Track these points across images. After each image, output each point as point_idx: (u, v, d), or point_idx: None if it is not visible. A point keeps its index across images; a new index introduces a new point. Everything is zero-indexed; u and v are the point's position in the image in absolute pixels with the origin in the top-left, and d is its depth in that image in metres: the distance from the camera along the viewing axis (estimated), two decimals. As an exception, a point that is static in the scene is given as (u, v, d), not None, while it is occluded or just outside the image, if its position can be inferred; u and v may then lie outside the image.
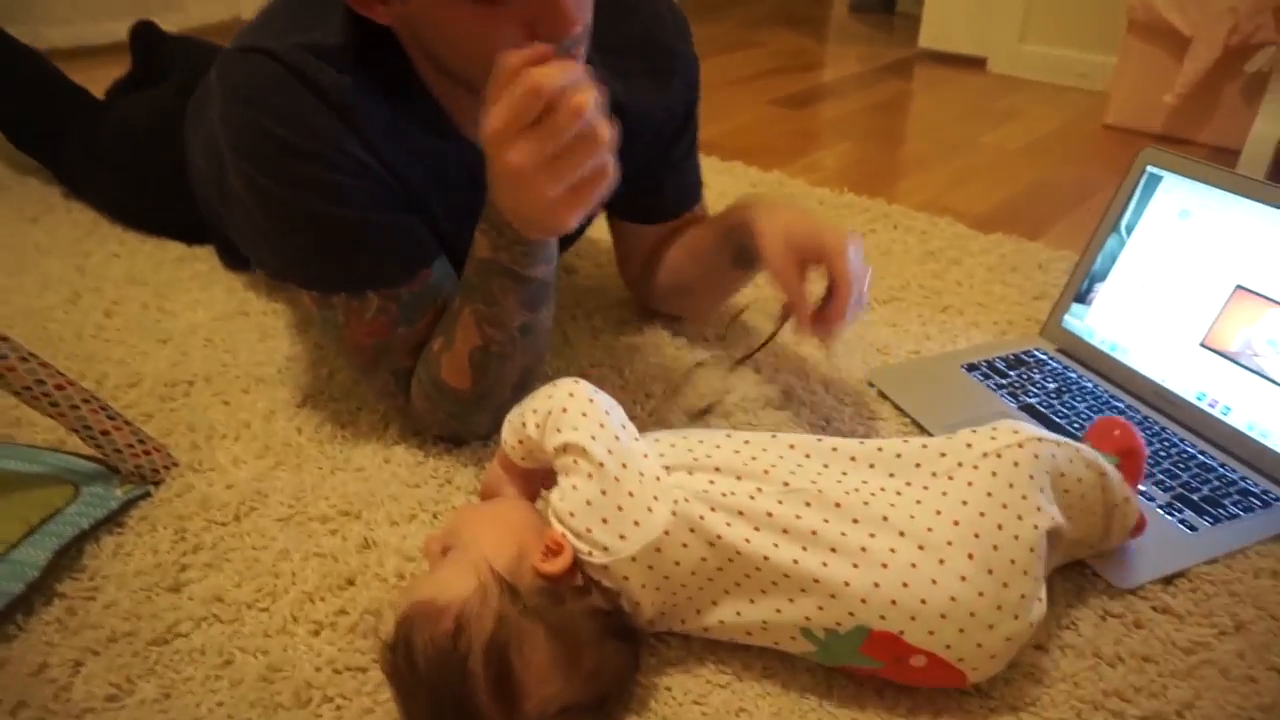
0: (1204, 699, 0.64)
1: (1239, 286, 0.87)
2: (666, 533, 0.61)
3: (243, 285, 1.20)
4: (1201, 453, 0.86)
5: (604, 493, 0.61)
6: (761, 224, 0.82)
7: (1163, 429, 0.89)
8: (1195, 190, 0.92)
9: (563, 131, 0.61)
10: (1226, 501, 0.80)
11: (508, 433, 0.69)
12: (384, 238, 0.78)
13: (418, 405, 0.84)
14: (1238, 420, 0.86)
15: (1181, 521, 0.78)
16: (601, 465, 0.62)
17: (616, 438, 0.64)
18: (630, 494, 0.62)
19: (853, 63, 2.56)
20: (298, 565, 0.74)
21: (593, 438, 0.63)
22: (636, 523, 0.61)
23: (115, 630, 0.68)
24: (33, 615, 0.69)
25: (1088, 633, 0.69)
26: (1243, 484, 0.82)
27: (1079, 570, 0.74)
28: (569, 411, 0.64)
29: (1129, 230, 0.97)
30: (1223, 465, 0.84)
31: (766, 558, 0.60)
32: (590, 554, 0.61)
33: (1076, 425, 0.90)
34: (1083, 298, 1.01)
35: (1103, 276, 0.99)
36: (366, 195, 0.77)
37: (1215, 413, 0.87)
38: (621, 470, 0.62)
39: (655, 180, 0.99)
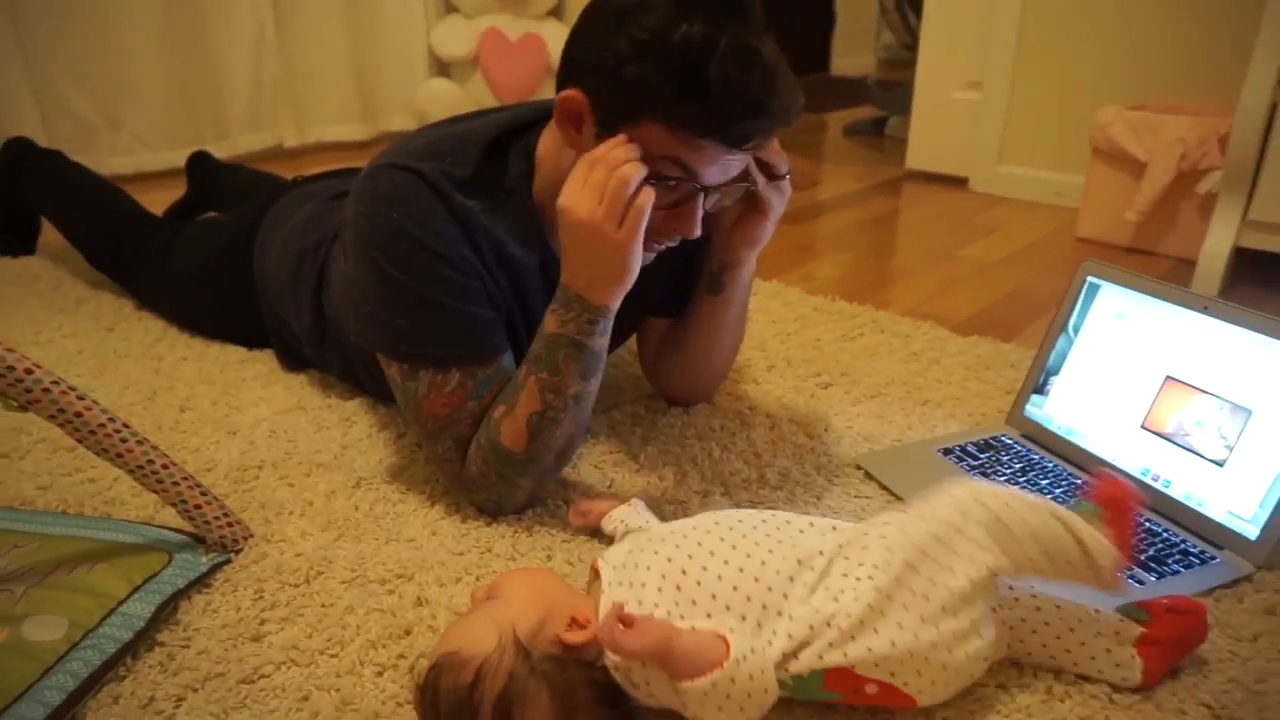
0: (1143, 726, 0.74)
1: (1168, 377, 1.01)
2: None
3: (299, 384, 1.35)
4: (1148, 520, 0.98)
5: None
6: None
7: (1114, 502, 1.01)
8: (1128, 296, 1.07)
9: (603, 179, 0.83)
10: (1170, 560, 0.92)
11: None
12: (476, 326, 0.96)
13: (472, 468, 0.98)
14: (1177, 491, 0.98)
15: (1131, 577, 0.90)
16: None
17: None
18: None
19: (847, 181, 2.78)
20: (361, 619, 0.86)
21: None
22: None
23: (209, 672, 0.80)
24: (139, 659, 0.81)
25: (1042, 671, 0.80)
26: (1183, 546, 0.94)
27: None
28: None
29: (1076, 331, 1.12)
30: (1166, 530, 0.96)
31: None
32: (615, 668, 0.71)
33: (1039, 500, 1.02)
34: (1040, 389, 1.15)
35: (1056, 371, 1.13)
36: (470, 291, 0.95)
37: (1158, 486, 1.00)
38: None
39: (690, 283, 1.16)
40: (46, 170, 1.78)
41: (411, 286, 0.93)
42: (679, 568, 0.74)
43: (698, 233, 0.91)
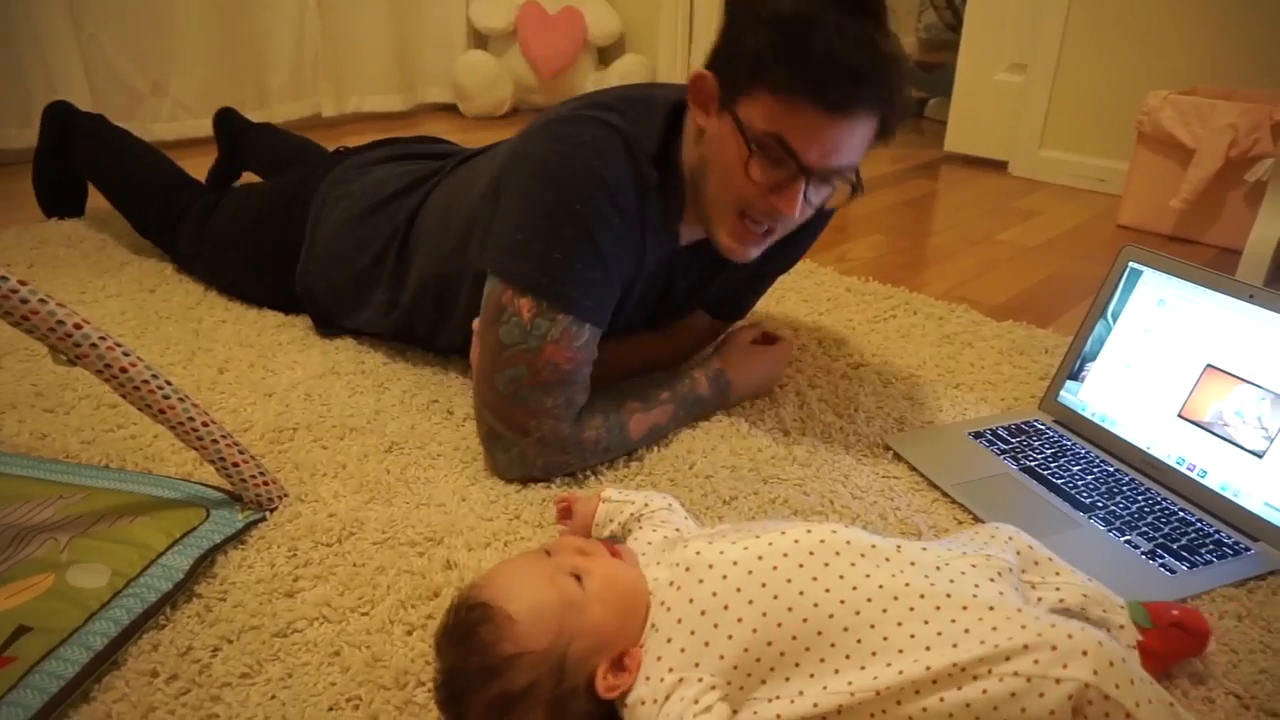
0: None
1: (1209, 365, 0.99)
2: None
3: (334, 349, 1.37)
4: (1182, 509, 0.97)
5: None
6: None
7: (1148, 489, 1.00)
8: (1170, 282, 1.05)
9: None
10: (1202, 550, 0.91)
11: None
12: (612, 295, 1.01)
13: (587, 433, 1.02)
14: (1212, 481, 0.97)
15: (1162, 566, 0.89)
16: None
17: None
18: None
19: (884, 163, 2.75)
20: (392, 579, 0.88)
21: None
22: None
23: (244, 624, 0.82)
24: (178, 610, 0.83)
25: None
26: (1217, 536, 0.93)
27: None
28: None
29: (1114, 317, 1.10)
30: (1200, 520, 0.95)
31: None
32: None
33: (1071, 486, 1.01)
34: (1076, 375, 1.14)
35: (1093, 357, 1.12)
36: (623, 261, 1.01)
37: (1194, 475, 0.99)
38: None
39: (754, 296, 1.35)
40: (90, 135, 1.80)
41: (586, 224, 0.96)
42: (711, 621, 0.68)
43: (795, 213, 0.93)
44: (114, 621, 0.79)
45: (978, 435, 1.12)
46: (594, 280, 0.98)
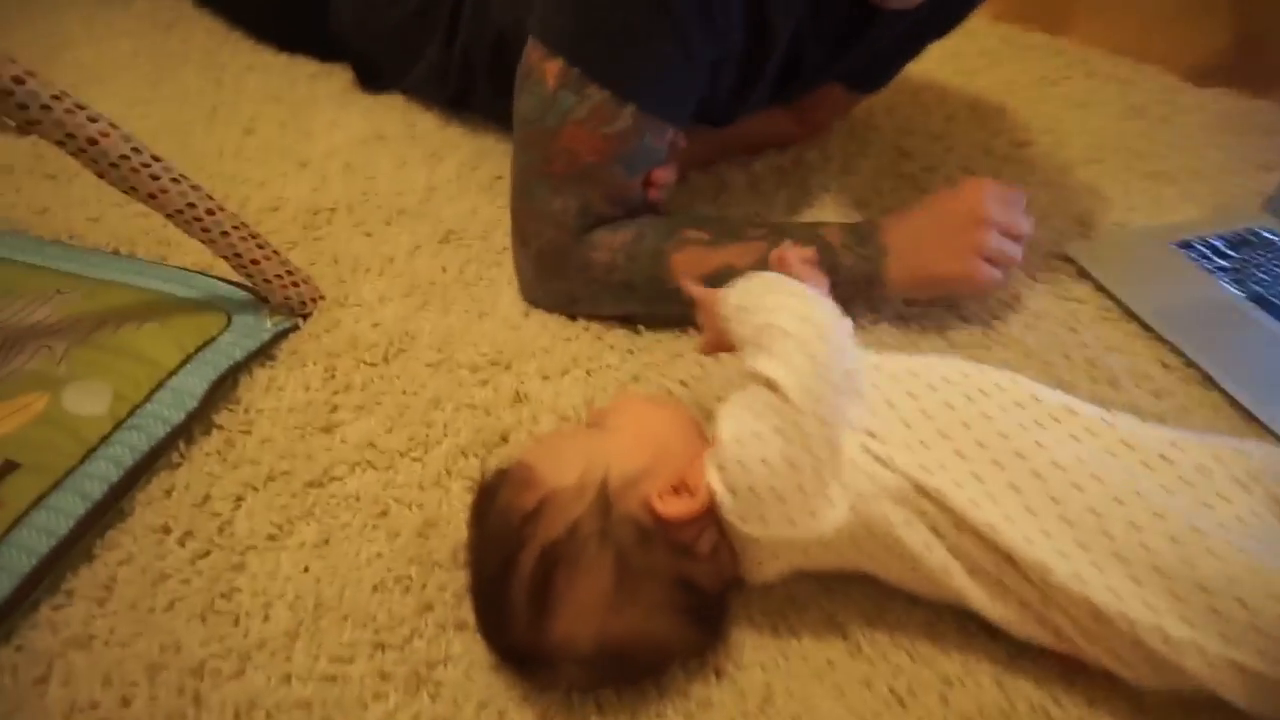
0: None
1: None
2: (838, 530, 0.52)
3: (380, 108, 1.14)
4: None
5: (790, 464, 0.50)
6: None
7: None
8: None
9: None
10: None
11: (731, 302, 0.58)
12: (687, 78, 0.73)
13: (590, 251, 0.75)
14: None
15: None
16: (799, 429, 0.51)
17: (826, 396, 0.52)
18: (816, 474, 0.51)
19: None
20: (449, 416, 0.71)
21: (806, 390, 0.51)
22: (813, 512, 0.51)
23: (273, 469, 0.67)
24: (193, 445, 0.69)
25: None
26: None
27: None
28: (791, 337, 0.52)
29: None
30: None
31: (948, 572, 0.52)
32: (743, 522, 0.52)
33: (1315, 323, 0.78)
34: (1342, 172, 0.86)
35: (1376, 148, 0.83)
36: (705, 33, 0.70)
37: None
38: (819, 444, 0.51)
39: (896, 62, 0.99)
40: None
41: None
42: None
43: None
44: (115, 462, 0.65)
45: (1185, 246, 0.87)
46: (657, 53, 0.70)
